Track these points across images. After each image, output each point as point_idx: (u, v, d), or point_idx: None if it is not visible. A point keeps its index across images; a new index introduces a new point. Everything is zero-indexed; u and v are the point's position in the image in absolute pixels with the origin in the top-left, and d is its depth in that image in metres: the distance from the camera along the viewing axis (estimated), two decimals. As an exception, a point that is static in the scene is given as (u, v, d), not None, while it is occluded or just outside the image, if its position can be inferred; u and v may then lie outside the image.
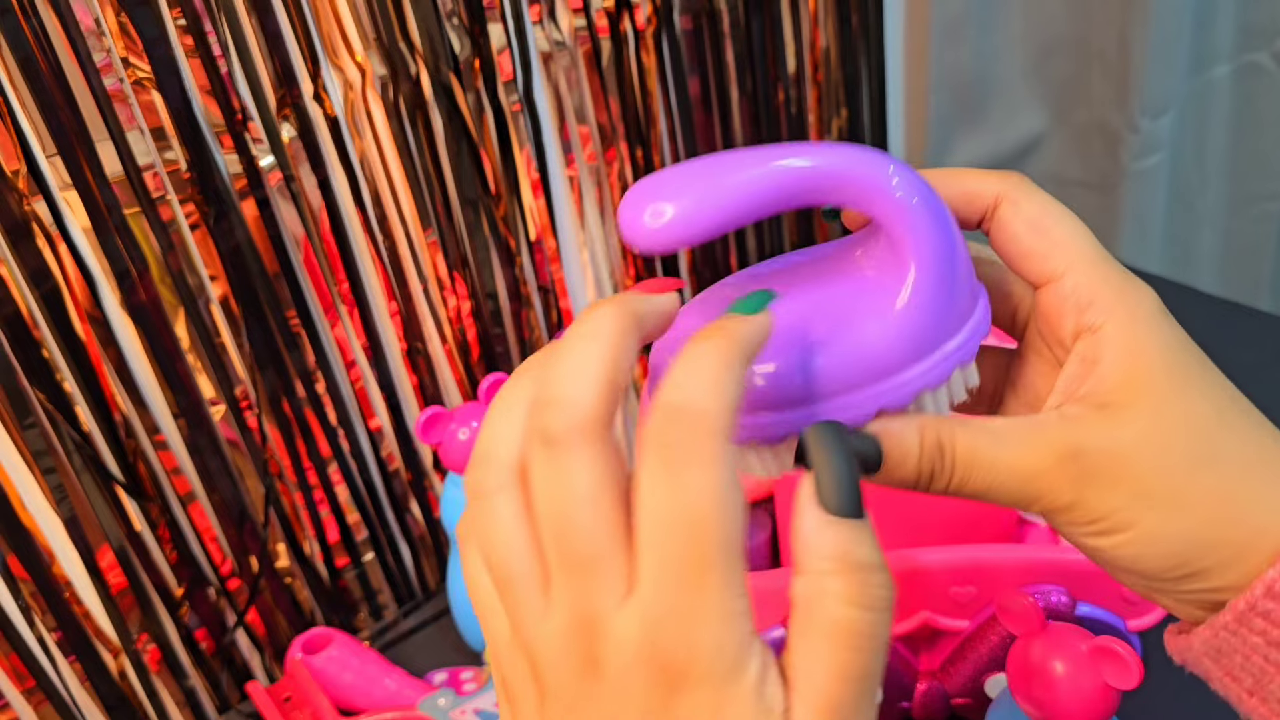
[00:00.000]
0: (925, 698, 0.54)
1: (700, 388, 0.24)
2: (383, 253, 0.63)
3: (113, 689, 0.59)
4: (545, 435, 0.24)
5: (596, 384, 0.25)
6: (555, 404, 0.24)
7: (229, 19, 0.54)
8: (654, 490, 0.24)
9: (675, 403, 0.24)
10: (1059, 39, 0.97)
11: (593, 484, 0.24)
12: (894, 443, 0.29)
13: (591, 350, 0.25)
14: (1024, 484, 0.29)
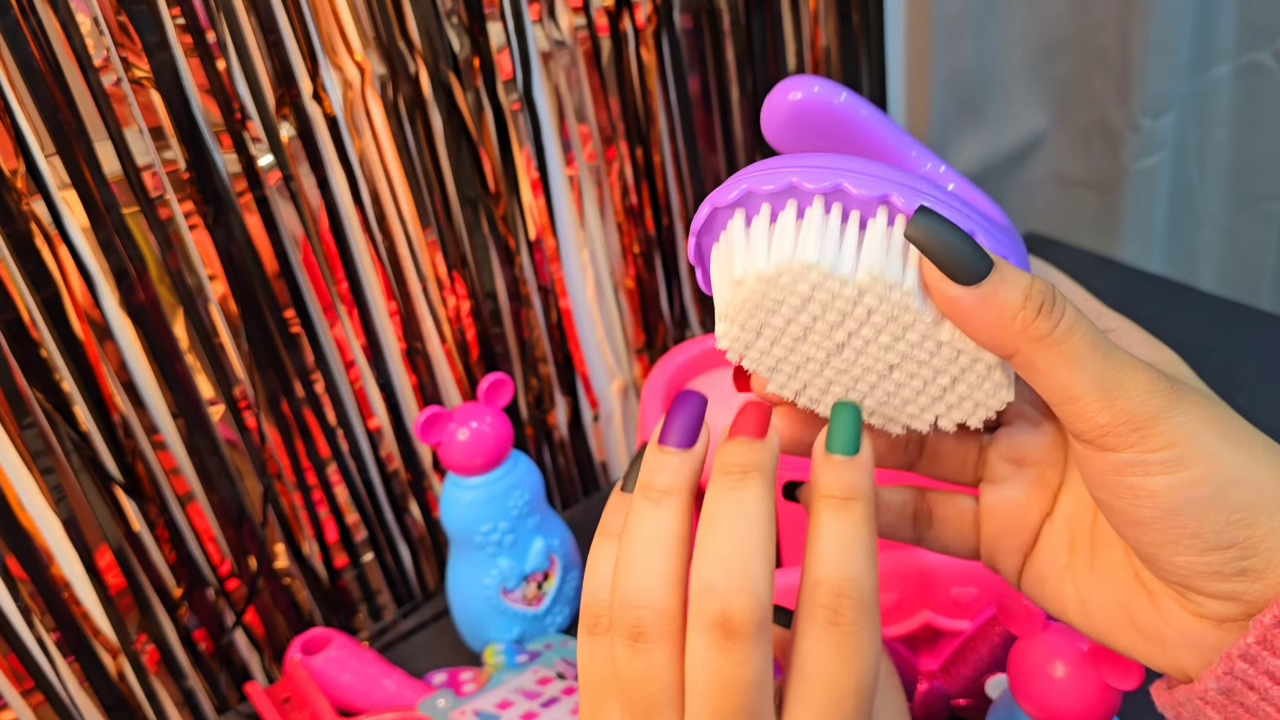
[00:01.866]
0: (926, 698, 0.54)
1: (860, 563, 0.27)
2: (382, 252, 0.63)
3: (111, 690, 0.59)
4: (727, 626, 0.26)
5: (769, 576, 0.27)
6: (739, 594, 0.26)
7: (228, 18, 0.53)
8: (825, 665, 0.27)
9: (841, 579, 0.27)
10: (1060, 38, 0.97)
11: (765, 673, 0.27)
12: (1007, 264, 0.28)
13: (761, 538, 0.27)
14: (1116, 367, 0.27)
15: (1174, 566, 0.28)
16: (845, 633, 0.27)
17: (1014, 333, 0.27)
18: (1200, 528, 0.27)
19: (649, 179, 0.74)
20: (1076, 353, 0.27)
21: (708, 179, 0.77)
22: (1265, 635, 0.27)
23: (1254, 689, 0.27)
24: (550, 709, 0.56)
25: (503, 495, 0.61)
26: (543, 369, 0.73)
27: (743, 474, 0.28)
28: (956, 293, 0.27)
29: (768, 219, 0.29)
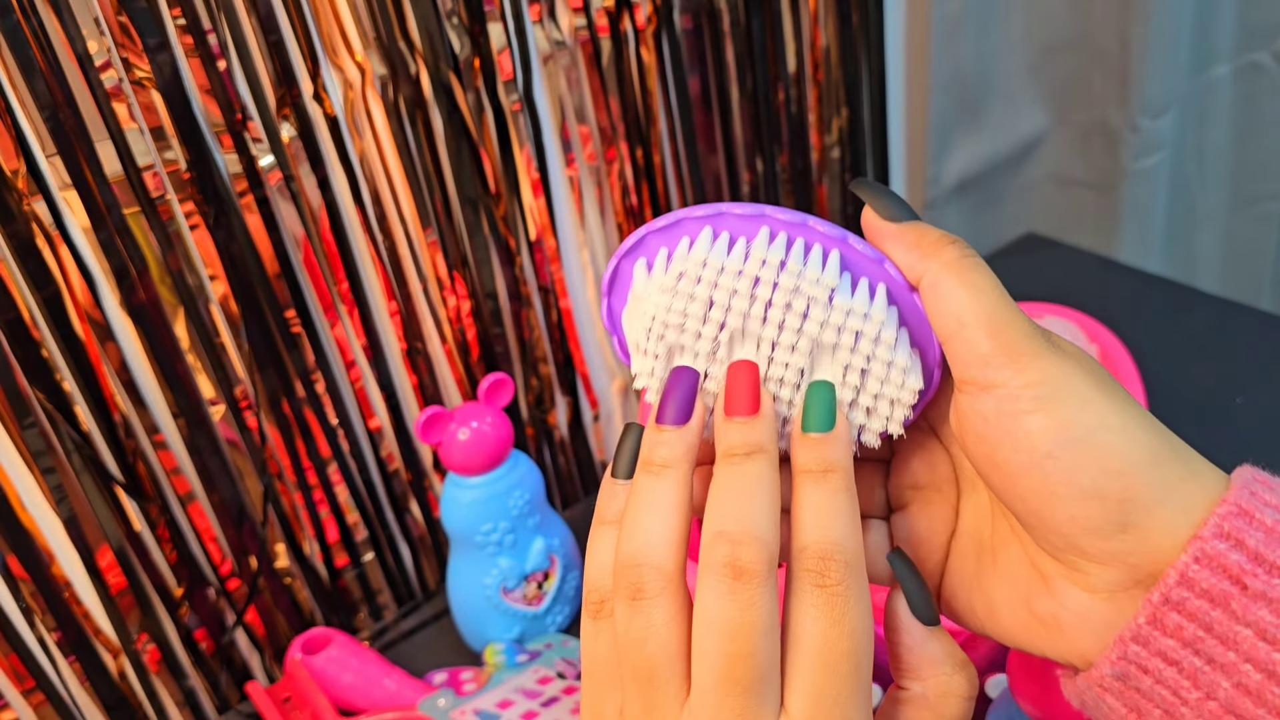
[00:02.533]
0: (925, 698, 0.54)
1: (842, 527, 0.28)
2: (382, 252, 0.63)
3: (112, 689, 0.59)
4: (737, 569, 0.27)
5: (776, 523, 0.28)
6: (747, 539, 0.28)
7: (229, 18, 0.54)
8: (815, 627, 0.28)
9: (825, 542, 0.28)
10: (1059, 38, 0.97)
11: (772, 616, 0.27)
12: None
13: (768, 489, 0.29)
14: (1010, 306, 0.29)
15: (1059, 524, 0.28)
16: (832, 593, 0.28)
17: (927, 254, 0.30)
18: (1075, 473, 0.27)
19: (649, 179, 0.74)
20: (976, 282, 0.29)
21: (708, 179, 0.77)
22: (1155, 615, 0.27)
23: (1148, 672, 0.27)
24: (550, 708, 0.56)
25: (503, 495, 0.61)
26: (543, 369, 0.73)
27: (745, 455, 0.29)
28: (886, 226, 0.30)
29: (665, 256, 0.31)
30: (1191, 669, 0.26)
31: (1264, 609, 0.25)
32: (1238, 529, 0.26)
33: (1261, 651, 0.25)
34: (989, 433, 0.29)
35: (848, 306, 0.30)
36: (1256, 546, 0.26)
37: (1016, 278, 0.92)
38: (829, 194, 0.87)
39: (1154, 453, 0.27)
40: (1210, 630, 0.26)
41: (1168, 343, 0.77)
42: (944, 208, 0.97)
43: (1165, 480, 0.27)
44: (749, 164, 0.79)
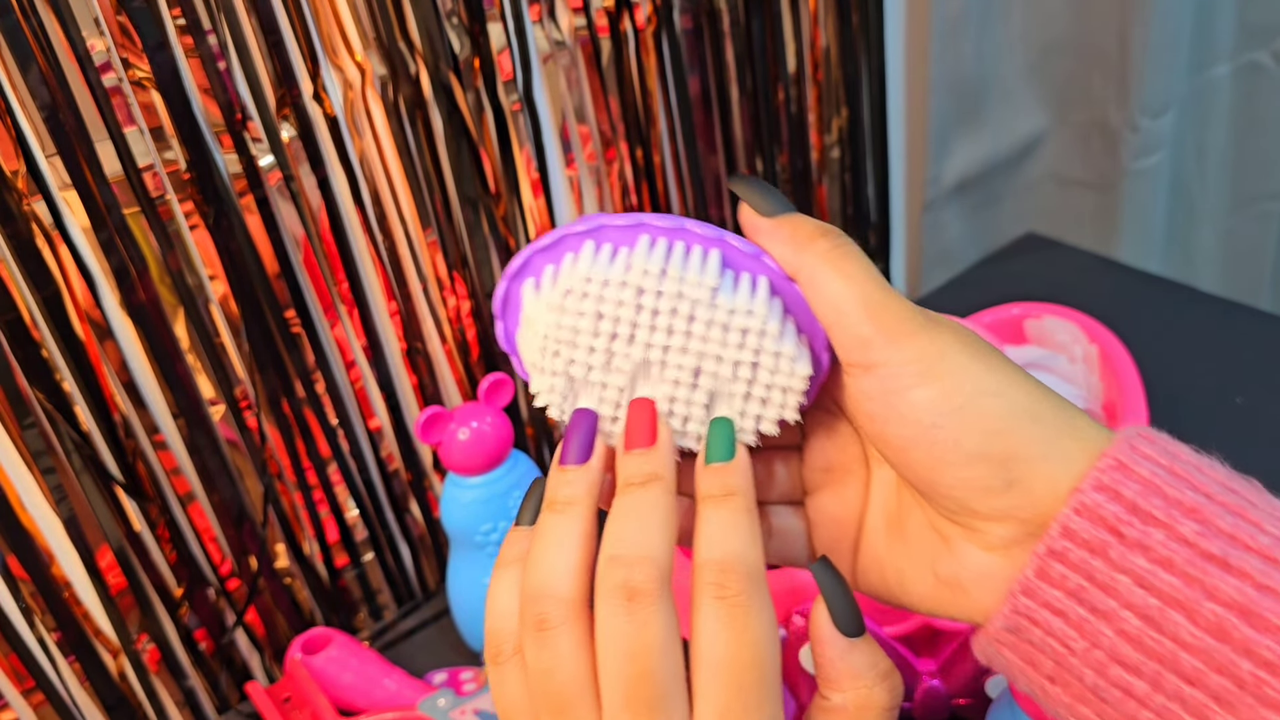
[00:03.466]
0: (926, 698, 0.54)
1: (741, 541, 0.29)
2: (382, 252, 0.63)
3: (112, 689, 0.59)
4: (630, 590, 0.28)
5: (670, 543, 0.29)
6: (639, 561, 0.28)
7: (228, 19, 0.54)
8: (717, 639, 0.28)
9: (724, 556, 0.29)
10: (1059, 39, 0.97)
11: (669, 634, 0.28)
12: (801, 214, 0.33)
13: (661, 513, 0.29)
14: (883, 290, 0.30)
15: (950, 488, 0.29)
16: (734, 604, 0.28)
17: (801, 247, 0.31)
18: (960, 437, 0.29)
19: (649, 179, 0.74)
20: (850, 270, 0.30)
21: (708, 179, 0.77)
22: (1040, 567, 0.28)
23: (1037, 624, 0.28)
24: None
25: (503, 495, 0.61)
26: (543, 369, 0.73)
27: (642, 484, 0.30)
28: (761, 221, 0.32)
29: (551, 273, 0.32)
30: (1077, 618, 0.28)
31: (1140, 557, 0.27)
32: (1115, 481, 0.27)
33: (1139, 598, 0.27)
34: (877, 410, 0.30)
35: (730, 305, 0.31)
36: (1133, 498, 0.27)
37: (1016, 278, 0.92)
38: (829, 194, 0.87)
39: (1033, 411, 0.29)
40: (1092, 579, 0.27)
41: (1168, 343, 0.77)
42: (944, 208, 0.97)
43: (1046, 436, 0.28)
44: (749, 164, 0.79)
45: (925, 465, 0.29)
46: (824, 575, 0.31)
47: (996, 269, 0.95)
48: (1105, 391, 0.63)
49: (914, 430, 0.29)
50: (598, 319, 0.31)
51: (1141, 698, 0.27)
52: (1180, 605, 0.26)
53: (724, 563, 0.29)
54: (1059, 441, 0.28)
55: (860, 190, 0.88)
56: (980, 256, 0.99)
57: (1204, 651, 0.26)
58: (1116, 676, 0.27)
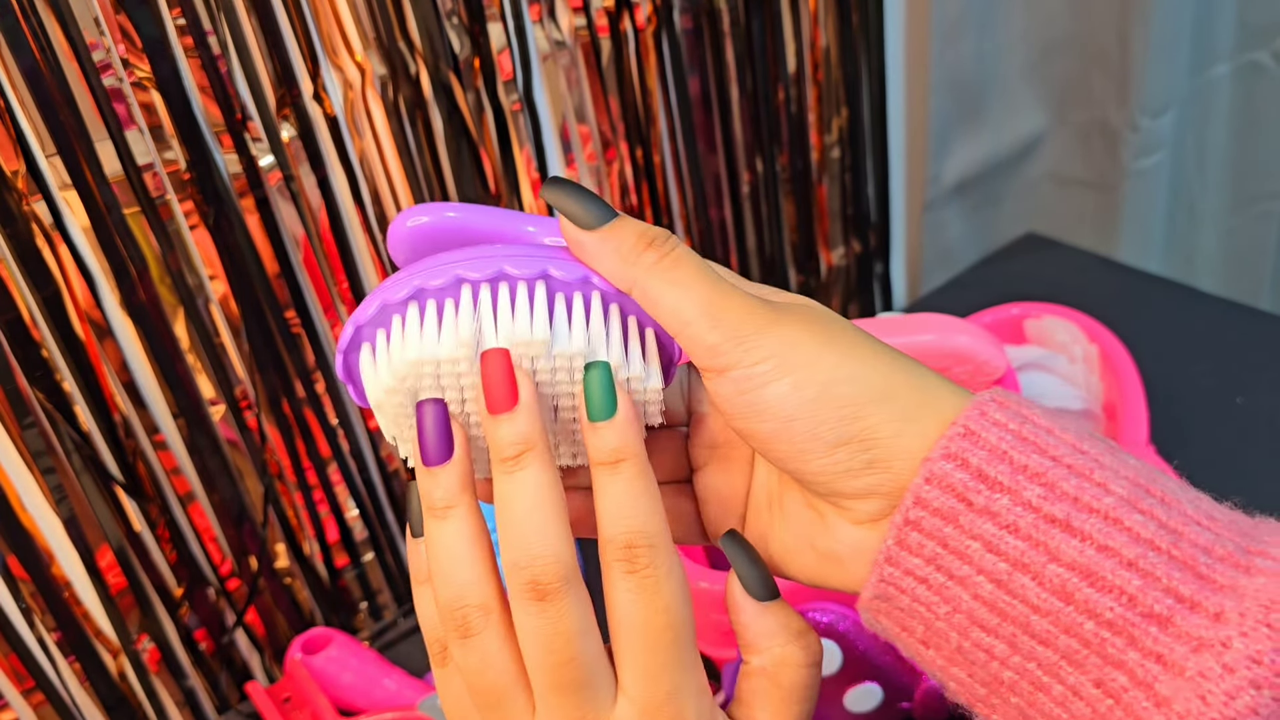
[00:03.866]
0: (925, 697, 0.54)
1: (642, 512, 0.30)
2: (382, 252, 0.63)
3: (112, 689, 0.59)
4: (537, 589, 0.29)
5: (567, 536, 0.30)
6: (539, 560, 0.29)
7: (229, 19, 0.54)
8: (632, 610, 0.29)
9: (628, 531, 0.29)
10: (1059, 38, 0.97)
11: (584, 620, 0.29)
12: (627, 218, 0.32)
13: (550, 507, 0.30)
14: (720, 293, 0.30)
15: (814, 474, 0.30)
16: (643, 577, 0.29)
17: (629, 263, 0.30)
18: (817, 427, 0.29)
19: (649, 179, 0.74)
20: (683, 279, 0.30)
21: (708, 179, 0.77)
22: (899, 535, 0.29)
23: (903, 591, 0.29)
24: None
25: (503, 495, 0.61)
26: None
27: (515, 458, 0.30)
28: (584, 237, 0.31)
29: (384, 346, 0.32)
30: (937, 584, 0.28)
31: (988, 523, 0.27)
32: (963, 449, 0.28)
33: (989, 562, 0.27)
34: (736, 409, 0.30)
35: (568, 353, 0.31)
36: (979, 464, 0.28)
37: (1016, 278, 0.92)
38: (829, 194, 0.87)
39: (885, 391, 0.29)
40: (946, 546, 0.28)
41: (1168, 343, 0.77)
42: (944, 208, 0.98)
43: (900, 412, 0.29)
44: (749, 164, 0.79)
45: (789, 455, 0.30)
46: (732, 546, 0.33)
47: (996, 269, 0.95)
48: (1105, 392, 0.63)
49: (773, 425, 0.30)
50: (440, 392, 0.31)
51: (1001, 658, 0.28)
52: (1026, 568, 0.27)
53: (628, 536, 0.30)
54: (913, 416, 0.29)
55: (860, 190, 0.88)
56: (980, 256, 0.99)
57: (1051, 613, 0.27)
58: (978, 638, 0.28)
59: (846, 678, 0.52)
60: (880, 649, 0.52)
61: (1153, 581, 0.26)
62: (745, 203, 0.80)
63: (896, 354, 0.30)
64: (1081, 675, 0.27)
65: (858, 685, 0.52)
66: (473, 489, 0.31)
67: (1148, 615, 0.26)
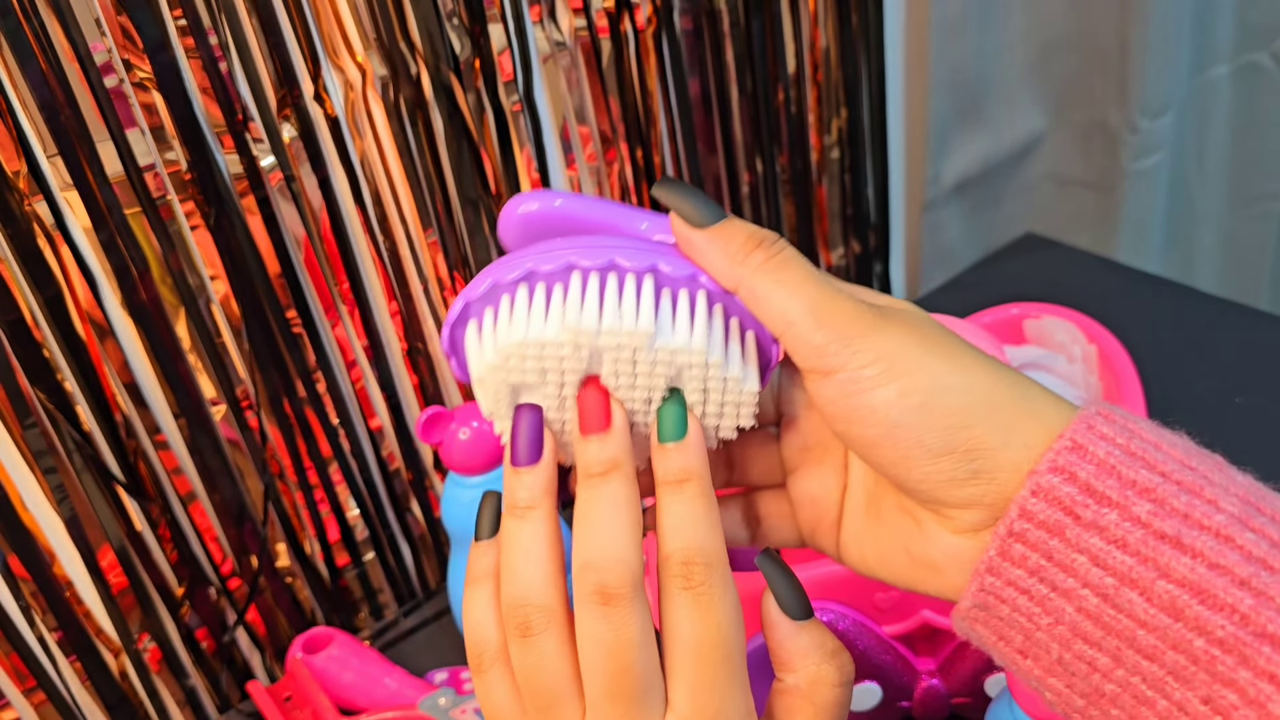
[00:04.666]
0: (925, 697, 0.54)
1: (701, 532, 0.30)
2: (383, 253, 0.63)
3: (113, 688, 0.59)
4: (604, 594, 0.29)
5: (637, 543, 0.30)
6: (611, 565, 0.30)
7: (229, 19, 0.54)
8: (686, 625, 0.30)
9: (686, 548, 0.30)
10: (1059, 39, 0.97)
11: (645, 630, 0.30)
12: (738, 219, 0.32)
13: (626, 514, 0.30)
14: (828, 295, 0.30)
15: (917, 482, 0.30)
16: (698, 594, 0.30)
17: (737, 261, 0.31)
18: (922, 435, 0.29)
19: (649, 180, 0.74)
20: (790, 280, 0.30)
21: (708, 180, 0.77)
22: (1002, 546, 0.29)
23: (1004, 601, 0.29)
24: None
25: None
26: (543, 369, 0.73)
27: (602, 474, 0.31)
28: (694, 235, 0.31)
29: (491, 324, 0.32)
30: (1039, 595, 0.28)
31: (1095, 537, 0.27)
32: (1070, 463, 0.28)
33: (1096, 576, 0.27)
34: (840, 412, 0.30)
35: (670, 347, 0.31)
36: (1087, 479, 0.28)
37: (1016, 278, 0.92)
38: (829, 194, 0.87)
39: (991, 401, 0.29)
40: (1050, 558, 0.28)
41: (1167, 343, 0.77)
42: (943, 208, 0.98)
43: (1006, 425, 0.29)
44: (749, 164, 0.79)
45: (892, 461, 0.30)
46: (767, 565, 0.33)
47: (996, 269, 0.95)
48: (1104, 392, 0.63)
49: (877, 430, 0.30)
50: (542, 374, 0.31)
51: (1104, 671, 0.28)
52: (1135, 584, 0.27)
53: (686, 554, 0.30)
54: (1019, 428, 0.29)
55: (860, 190, 0.88)
56: (979, 256, 0.99)
57: (1159, 629, 0.27)
58: (1080, 650, 0.28)
59: (846, 677, 0.52)
60: (880, 648, 0.52)
61: (1266, 601, 0.26)
62: (745, 203, 0.81)
63: (1000, 364, 0.30)
64: (1189, 691, 0.26)
65: (857, 684, 0.52)
66: (555, 494, 0.32)
67: (1260, 635, 0.26)
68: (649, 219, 0.33)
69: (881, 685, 0.53)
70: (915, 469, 0.29)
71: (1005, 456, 0.29)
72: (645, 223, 0.33)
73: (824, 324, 0.30)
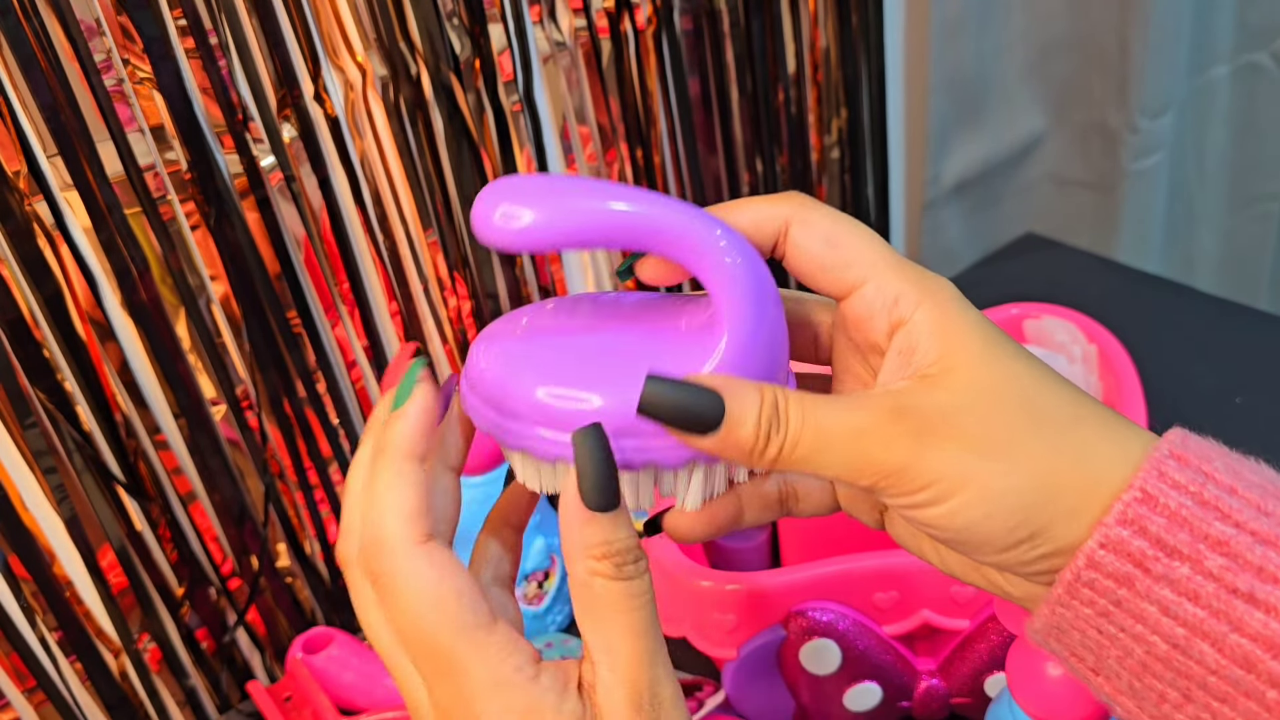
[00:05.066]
0: (925, 697, 0.54)
1: (378, 518, 0.30)
2: (383, 253, 0.63)
3: (113, 689, 0.59)
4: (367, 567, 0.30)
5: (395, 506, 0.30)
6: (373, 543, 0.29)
7: (229, 19, 0.54)
8: (379, 619, 0.30)
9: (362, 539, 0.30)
10: (1059, 39, 0.97)
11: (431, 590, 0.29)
12: (735, 398, 0.28)
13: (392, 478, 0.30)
14: (854, 441, 0.28)
15: (987, 563, 0.29)
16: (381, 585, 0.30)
17: (758, 462, 0.29)
18: (988, 538, 0.28)
19: (649, 180, 0.74)
20: (812, 454, 0.29)
21: (708, 180, 0.77)
22: (1070, 588, 0.28)
23: (1074, 628, 0.29)
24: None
25: (503, 495, 0.61)
26: (543, 369, 0.73)
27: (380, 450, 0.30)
28: (702, 444, 0.29)
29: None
30: (1108, 633, 0.28)
31: (1166, 589, 0.27)
32: (1140, 515, 0.27)
33: (1166, 625, 0.27)
34: (899, 518, 0.31)
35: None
36: (1158, 532, 0.27)
37: (1016, 278, 0.92)
38: (829, 194, 0.87)
39: (1053, 489, 0.28)
40: (1119, 605, 0.27)
41: (1167, 343, 0.77)
42: (943, 208, 0.98)
43: (1071, 508, 0.28)
44: (749, 164, 0.79)
45: (957, 558, 0.31)
46: (583, 442, 0.28)
47: (996, 269, 0.95)
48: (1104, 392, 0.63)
49: (942, 536, 0.29)
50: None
51: (1174, 704, 0.28)
52: (1206, 636, 0.26)
53: (363, 544, 0.30)
54: (1085, 506, 0.28)
55: (860, 190, 0.88)
56: (979, 257, 0.99)
57: (1232, 679, 0.26)
58: (1151, 683, 0.28)
59: (846, 677, 0.52)
60: (880, 648, 0.52)
61: None
62: (745, 203, 0.80)
63: (1055, 429, 0.28)
64: None
65: (857, 684, 0.52)
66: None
67: None
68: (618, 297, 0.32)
69: (881, 685, 0.53)
70: (985, 559, 0.29)
71: (1075, 530, 0.28)
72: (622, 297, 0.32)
73: (862, 473, 0.28)
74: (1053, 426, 0.28)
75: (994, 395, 0.29)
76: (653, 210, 0.29)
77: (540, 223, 0.28)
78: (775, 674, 0.53)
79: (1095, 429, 0.29)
